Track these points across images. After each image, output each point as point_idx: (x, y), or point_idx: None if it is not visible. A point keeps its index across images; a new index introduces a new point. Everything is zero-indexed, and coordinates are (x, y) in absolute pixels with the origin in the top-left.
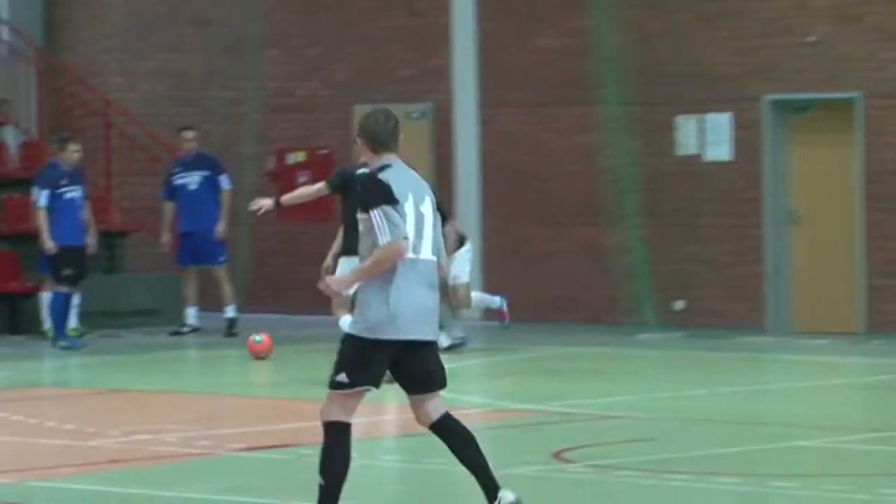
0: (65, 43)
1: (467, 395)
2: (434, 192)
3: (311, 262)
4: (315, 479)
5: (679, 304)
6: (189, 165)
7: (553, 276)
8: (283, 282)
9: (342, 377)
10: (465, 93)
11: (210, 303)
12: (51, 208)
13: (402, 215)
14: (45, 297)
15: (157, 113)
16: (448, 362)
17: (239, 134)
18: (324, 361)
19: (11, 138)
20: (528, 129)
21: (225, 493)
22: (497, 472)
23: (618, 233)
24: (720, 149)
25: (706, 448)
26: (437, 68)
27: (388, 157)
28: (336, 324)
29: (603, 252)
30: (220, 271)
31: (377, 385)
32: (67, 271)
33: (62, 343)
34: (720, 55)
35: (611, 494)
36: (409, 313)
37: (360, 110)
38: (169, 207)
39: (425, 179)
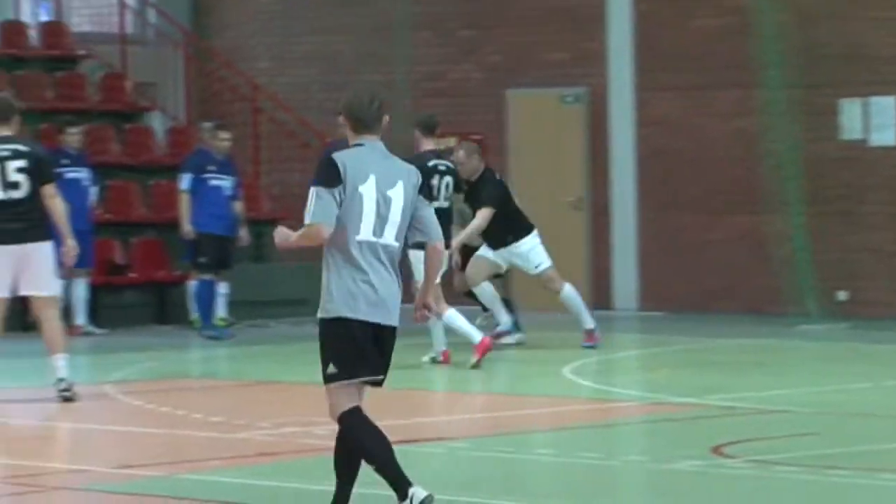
0: (213, 27)
1: (625, 387)
2: (455, 177)
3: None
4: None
5: (842, 295)
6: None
7: (710, 265)
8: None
9: (332, 369)
10: (621, 76)
11: None
12: (194, 194)
13: (355, 197)
14: (192, 285)
15: (306, 98)
16: (603, 354)
17: (389, 118)
18: (469, 353)
19: (158, 124)
20: (685, 114)
21: (371, 486)
22: (655, 466)
23: (779, 220)
24: (885, 133)
25: (870, 443)
26: (591, 51)
27: (366, 138)
28: (480, 314)
29: (763, 240)
30: None
31: (375, 371)
32: (204, 259)
33: (207, 333)
34: (885, 36)
35: (771, 490)
36: (365, 297)
37: (513, 94)
38: None
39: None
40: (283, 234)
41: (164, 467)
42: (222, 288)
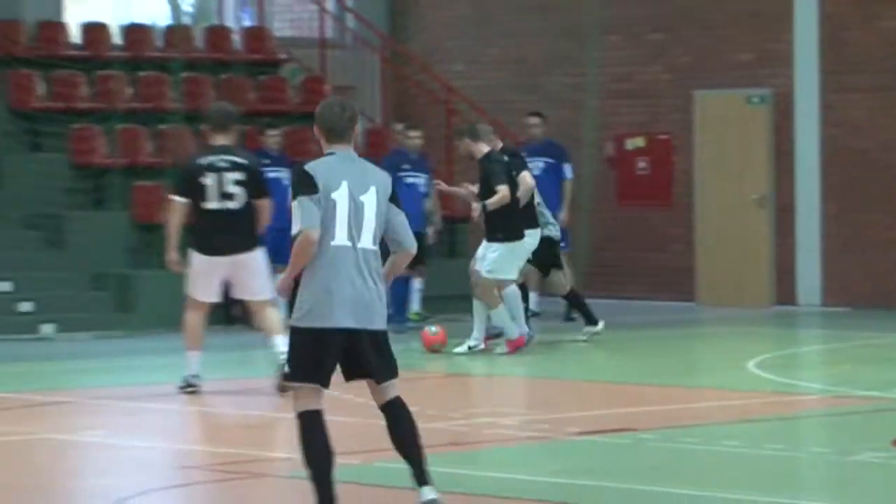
0: (409, 31)
1: (808, 381)
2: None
3: (650, 248)
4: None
5: None
6: (535, 151)
7: (893, 262)
8: (621, 267)
9: (287, 367)
10: (807, 77)
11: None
12: None
13: (328, 204)
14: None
15: (498, 100)
16: (787, 348)
17: (579, 120)
18: (657, 347)
19: (357, 125)
20: (871, 115)
21: (561, 475)
22: (838, 459)
23: None
24: None
25: None
26: (778, 53)
27: (337, 147)
28: (669, 310)
29: None
30: (562, 257)
31: (323, 383)
32: None
33: (394, 327)
34: None
35: None
36: (341, 301)
37: (701, 95)
38: None
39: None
40: (282, 281)
41: (359, 456)
42: (417, 283)
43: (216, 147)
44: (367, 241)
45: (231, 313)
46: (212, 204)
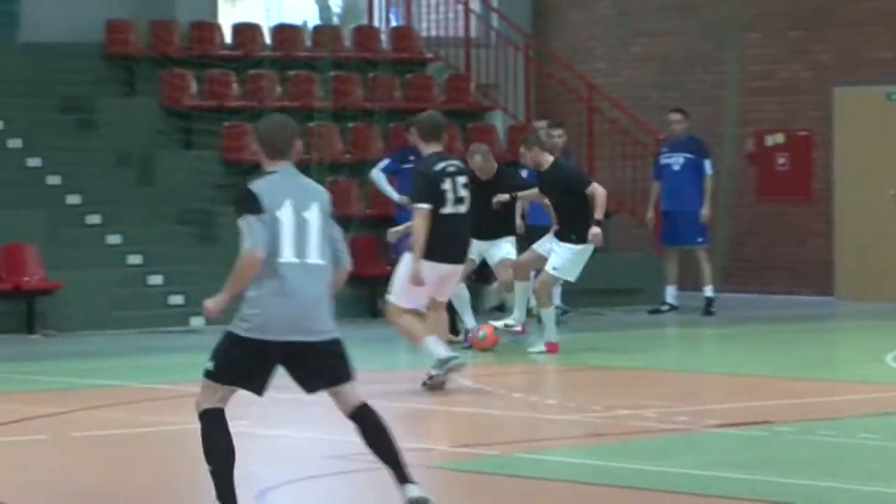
0: (552, 30)
1: None
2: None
3: (789, 243)
4: None
5: None
6: (676, 146)
7: None
8: (761, 262)
9: (209, 365)
10: None
11: (688, 282)
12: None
13: (274, 222)
14: None
15: (640, 97)
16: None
17: (719, 116)
18: (794, 341)
19: (499, 123)
20: None
21: (700, 467)
22: None
23: None
24: None
25: None
26: None
27: (279, 165)
28: (807, 304)
29: None
30: (701, 251)
31: (248, 387)
32: None
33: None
34: None
35: None
36: (286, 315)
37: (841, 92)
38: (656, 186)
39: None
40: (215, 302)
41: (500, 447)
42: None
43: (439, 154)
44: (315, 255)
45: (375, 307)
46: (448, 209)
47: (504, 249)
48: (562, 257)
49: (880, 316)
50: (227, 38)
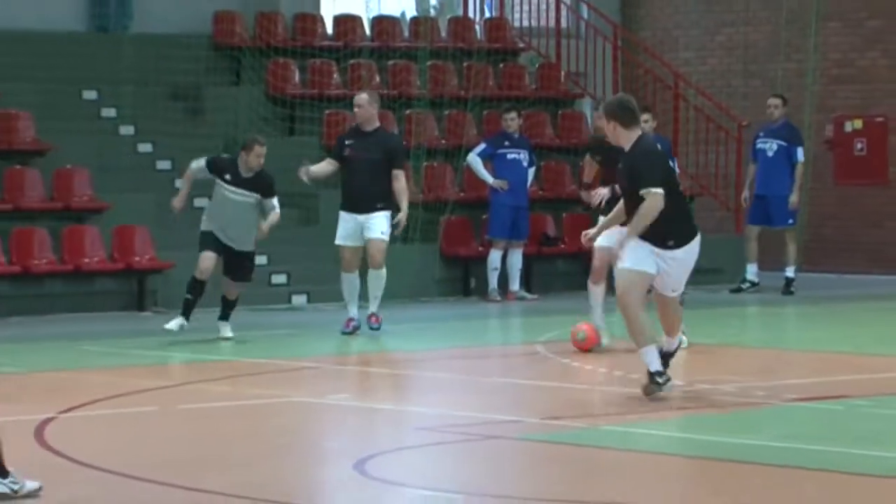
0: (639, 20)
1: None
2: None
3: (867, 225)
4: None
5: None
6: (770, 133)
7: None
8: (840, 242)
9: None
10: None
11: (767, 262)
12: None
13: None
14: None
15: (723, 85)
16: None
17: (800, 103)
18: (870, 319)
19: (588, 110)
20: None
21: (778, 440)
22: None
23: None
24: None
25: None
26: None
27: None
28: (884, 283)
29: None
30: (788, 233)
31: None
32: None
33: None
34: None
35: None
36: None
37: None
38: (752, 168)
39: None
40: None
41: (588, 419)
42: None
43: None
44: None
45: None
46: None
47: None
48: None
49: None
50: (329, 29)
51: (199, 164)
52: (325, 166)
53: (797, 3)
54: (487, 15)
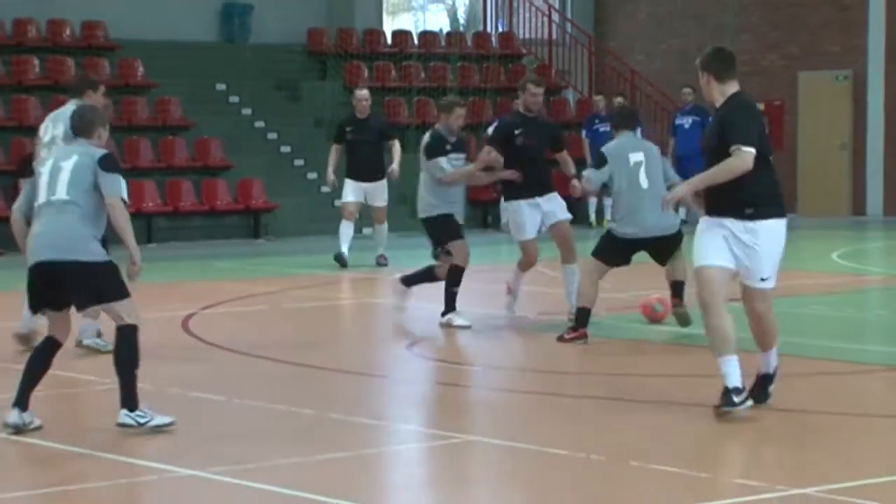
0: (607, 32)
1: (874, 267)
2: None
3: None
4: None
5: None
6: (686, 112)
7: None
8: None
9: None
10: (875, 63)
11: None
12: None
13: (30, 184)
14: None
15: (667, 81)
16: (859, 244)
17: None
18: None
19: (571, 97)
20: None
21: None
22: (890, 321)
23: None
24: None
25: None
26: (856, 47)
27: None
28: None
29: None
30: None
31: (41, 311)
32: None
33: None
34: None
35: None
36: (36, 242)
37: (804, 75)
38: (672, 141)
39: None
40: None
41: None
42: None
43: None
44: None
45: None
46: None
47: None
48: None
49: (828, 227)
50: (388, 39)
51: (442, 164)
52: (334, 155)
53: (719, 21)
54: (500, 29)
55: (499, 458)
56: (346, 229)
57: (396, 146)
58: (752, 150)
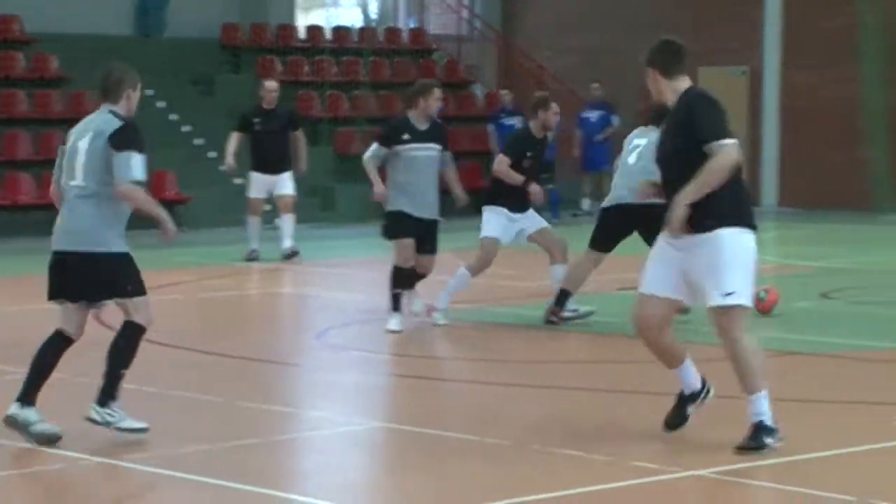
0: (515, 29)
1: (767, 254)
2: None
3: None
4: None
5: None
6: (593, 106)
7: (826, 177)
8: None
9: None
10: (771, 59)
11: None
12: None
13: (61, 154)
14: None
15: (569, 75)
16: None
17: (624, 89)
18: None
19: (479, 91)
20: (809, 84)
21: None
22: (782, 307)
23: (867, 148)
24: None
25: None
26: (752, 42)
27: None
28: None
29: (861, 163)
30: (606, 175)
31: (56, 299)
32: None
33: None
34: None
35: (861, 320)
36: (55, 229)
37: (703, 70)
38: (579, 133)
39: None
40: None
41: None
42: None
43: None
44: (77, 178)
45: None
46: None
47: None
48: None
49: None
50: (302, 34)
51: (373, 151)
52: (234, 142)
53: (620, 19)
54: (411, 25)
55: (404, 443)
56: (254, 225)
57: (302, 139)
58: (733, 141)
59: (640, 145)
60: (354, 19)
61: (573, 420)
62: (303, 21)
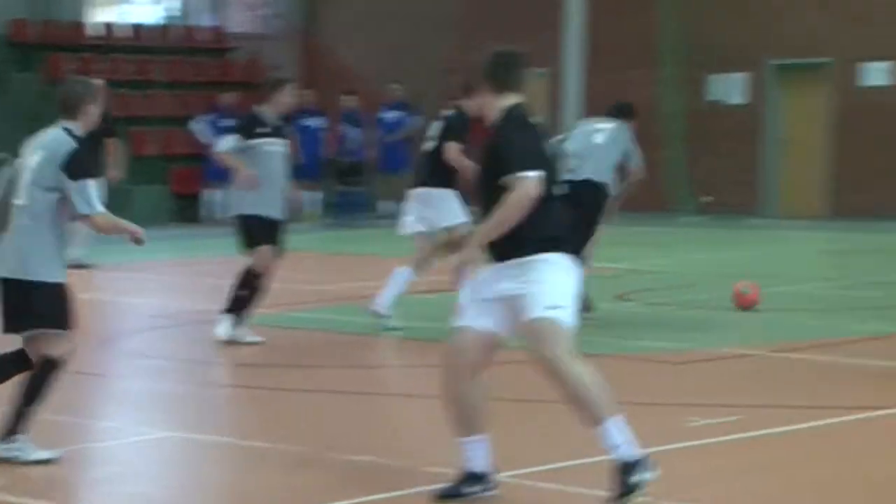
0: (319, 28)
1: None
2: None
3: None
4: None
5: (705, 199)
6: (393, 106)
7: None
8: None
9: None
10: (571, 63)
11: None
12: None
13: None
14: None
15: (370, 73)
16: None
17: (429, 88)
18: None
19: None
20: (607, 85)
21: None
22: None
23: (666, 150)
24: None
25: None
26: (551, 46)
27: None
28: None
29: (657, 164)
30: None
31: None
32: None
33: None
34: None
35: (657, 322)
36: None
37: None
38: (377, 133)
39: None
40: None
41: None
42: None
43: None
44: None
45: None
46: None
47: None
48: None
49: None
50: (95, 32)
51: (228, 141)
52: None
53: (431, 19)
54: (211, 23)
55: (198, 452)
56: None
57: (117, 146)
58: (534, 174)
59: (601, 129)
60: (150, 17)
61: (371, 426)
62: (97, 18)
